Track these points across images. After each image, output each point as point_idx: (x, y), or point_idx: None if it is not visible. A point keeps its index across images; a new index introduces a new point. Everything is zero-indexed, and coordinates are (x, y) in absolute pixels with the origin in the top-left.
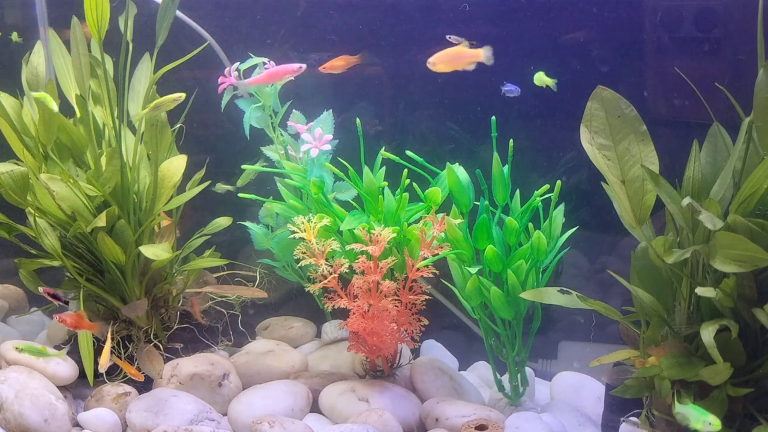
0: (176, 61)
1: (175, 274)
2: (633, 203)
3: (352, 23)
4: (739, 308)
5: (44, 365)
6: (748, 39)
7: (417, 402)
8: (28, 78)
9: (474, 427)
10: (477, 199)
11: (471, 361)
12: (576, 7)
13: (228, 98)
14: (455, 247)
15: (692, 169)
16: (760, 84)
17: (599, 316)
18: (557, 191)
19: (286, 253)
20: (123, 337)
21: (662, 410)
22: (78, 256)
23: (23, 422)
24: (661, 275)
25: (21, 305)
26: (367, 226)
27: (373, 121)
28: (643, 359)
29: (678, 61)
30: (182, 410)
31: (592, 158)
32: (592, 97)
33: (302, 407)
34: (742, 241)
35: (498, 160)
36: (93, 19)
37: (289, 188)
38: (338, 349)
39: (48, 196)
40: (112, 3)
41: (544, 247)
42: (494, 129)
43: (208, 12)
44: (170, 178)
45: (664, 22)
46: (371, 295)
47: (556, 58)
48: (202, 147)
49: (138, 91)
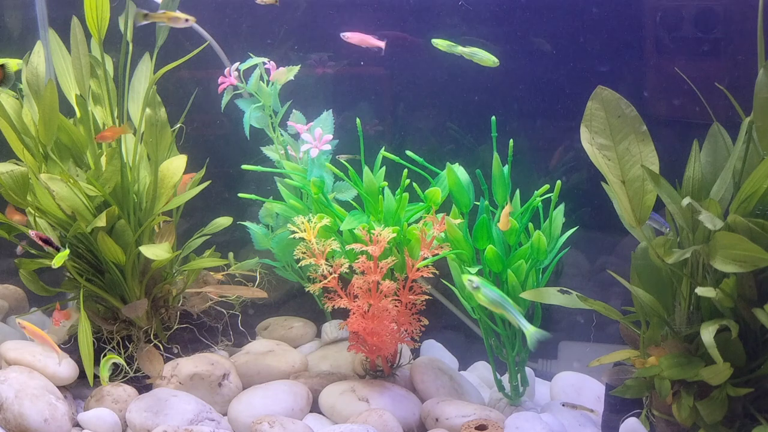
0: (176, 61)
1: (175, 274)
2: (633, 203)
3: (352, 23)
4: (739, 308)
5: (44, 365)
6: (748, 39)
7: (417, 402)
8: (28, 78)
9: (474, 427)
10: (477, 199)
11: (471, 361)
12: (576, 6)
13: (228, 98)
14: (455, 247)
15: (692, 169)
16: (760, 84)
17: (599, 316)
18: (557, 191)
19: (286, 253)
20: (123, 337)
21: (662, 410)
22: (78, 256)
23: (23, 422)
24: (661, 275)
25: (21, 305)
26: (367, 226)
27: (373, 121)
28: (643, 359)
29: (678, 61)
30: (182, 410)
31: (592, 158)
32: (592, 97)
33: (302, 407)
34: (742, 241)
35: (498, 160)
36: (93, 19)
37: (289, 188)
38: (338, 349)
39: (48, 196)
40: (112, 3)
41: (544, 247)
42: (494, 129)
43: (208, 12)
44: (170, 178)
45: (664, 22)
46: (371, 295)
47: (556, 57)
48: (202, 147)
49: (138, 91)
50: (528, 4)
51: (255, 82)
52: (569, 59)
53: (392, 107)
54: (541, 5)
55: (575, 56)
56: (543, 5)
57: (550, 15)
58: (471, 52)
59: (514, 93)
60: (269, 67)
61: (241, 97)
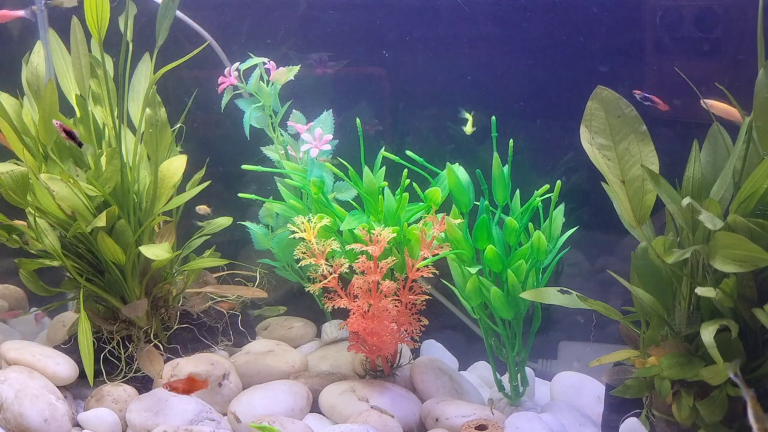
0: (176, 61)
1: (175, 274)
2: (633, 203)
3: (352, 23)
4: (739, 308)
5: (44, 365)
6: (748, 39)
7: (417, 402)
8: (28, 78)
9: (474, 427)
10: (477, 199)
11: (471, 361)
12: (576, 6)
13: (228, 98)
14: (455, 247)
15: (692, 169)
16: (760, 84)
17: (599, 316)
18: (557, 191)
19: (286, 253)
20: (123, 337)
21: (662, 410)
22: (78, 256)
23: (23, 422)
24: (661, 275)
25: (21, 305)
26: (367, 226)
27: (373, 121)
28: (643, 359)
29: (678, 61)
30: (182, 410)
31: (592, 158)
32: (592, 97)
33: (302, 407)
34: (742, 241)
35: (498, 160)
36: (93, 19)
37: (289, 188)
38: (338, 349)
39: (48, 196)
40: (112, 3)
41: (544, 247)
42: (494, 129)
43: (208, 12)
44: (170, 178)
45: (664, 22)
46: (371, 295)
47: (556, 57)
48: (202, 147)
49: (138, 91)
50: (528, 4)
51: (255, 82)
52: (569, 59)
53: (392, 107)
54: (541, 5)
55: (575, 56)
56: (543, 5)
57: (550, 14)
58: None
59: (514, 93)
60: (269, 67)
61: (241, 97)
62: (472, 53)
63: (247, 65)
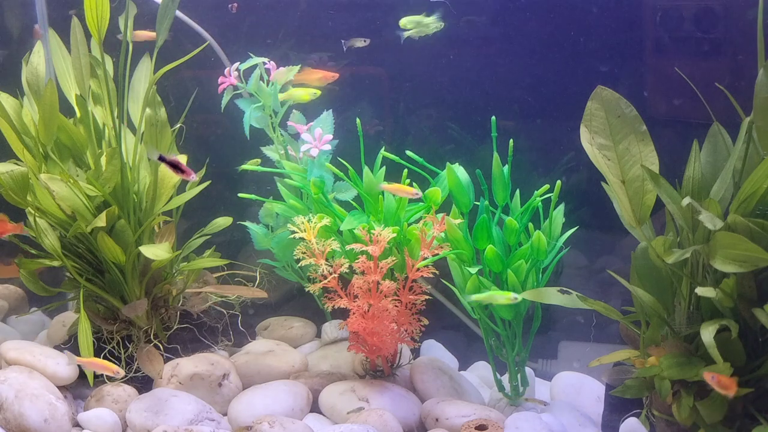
0: (176, 61)
1: (175, 274)
2: (633, 203)
3: (352, 23)
4: (739, 308)
5: (44, 365)
6: (748, 39)
7: (417, 402)
8: (28, 78)
9: (474, 427)
10: (477, 199)
11: (471, 361)
12: (576, 6)
13: (228, 98)
14: (455, 247)
15: (692, 169)
16: (760, 84)
17: (599, 316)
18: (557, 191)
19: (286, 253)
20: (123, 337)
21: (662, 410)
22: (78, 256)
23: (23, 422)
24: (661, 275)
25: (21, 305)
26: (367, 226)
27: (373, 121)
28: (643, 359)
29: (678, 61)
30: (182, 410)
31: (592, 158)
32: (592, 97)
33: (302, 407)
34: (742, 241)
35: (498, 160)
36: (93, 19)
37: (289, 188)
38: (338, 349)
39: (48, 196)
40: (112, 3)
41: (544, 247)
42: (494, 129)
43: (208, 12)
44: (170, 178)
45: (664, 22)
46: (371, 295)
47: (556, 57)
48: (202, 147)
49: (138, 91)
50: (528, 4)
51: (255, 82)
52: (569, 59)
53: (392, 107)
54: (541, 5)
55: (575, 56)
56: (543, 5)
57: (550, 15)
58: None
59: (513, 93)
60: (269, 67)
61: (241, 97)
62: (473, 53)
63: (247, 65)
